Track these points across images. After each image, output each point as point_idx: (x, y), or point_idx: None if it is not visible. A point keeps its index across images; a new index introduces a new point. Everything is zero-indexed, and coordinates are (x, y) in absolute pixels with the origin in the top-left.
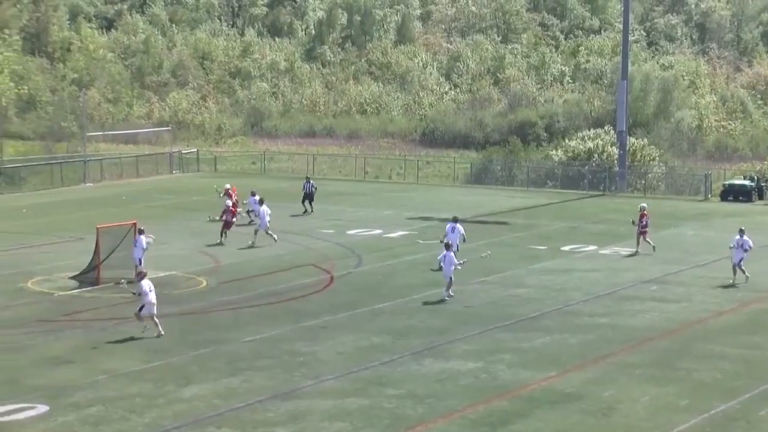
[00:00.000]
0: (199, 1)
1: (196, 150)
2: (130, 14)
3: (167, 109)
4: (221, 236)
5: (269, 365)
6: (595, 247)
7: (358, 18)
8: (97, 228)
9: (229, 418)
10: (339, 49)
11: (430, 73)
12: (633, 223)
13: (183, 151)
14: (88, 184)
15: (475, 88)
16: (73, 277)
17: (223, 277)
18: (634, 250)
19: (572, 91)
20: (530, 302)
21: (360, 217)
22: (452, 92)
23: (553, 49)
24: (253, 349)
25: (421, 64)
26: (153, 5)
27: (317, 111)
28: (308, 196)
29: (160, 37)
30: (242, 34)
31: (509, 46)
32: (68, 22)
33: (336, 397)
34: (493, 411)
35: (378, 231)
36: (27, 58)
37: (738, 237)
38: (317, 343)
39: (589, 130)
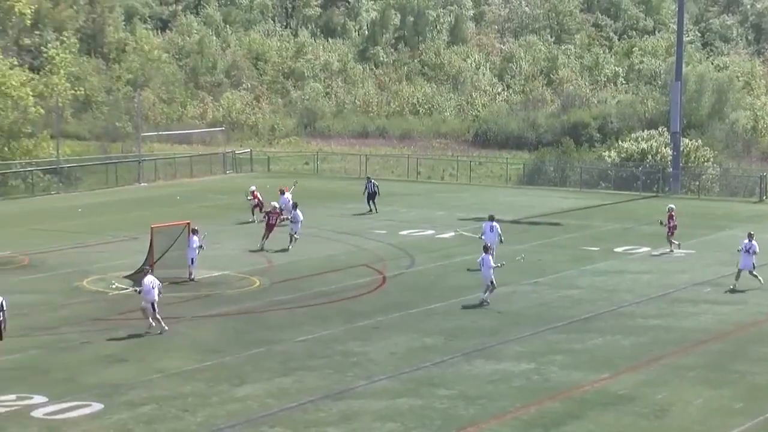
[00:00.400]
0: (253, 2)
1: (249, 150)
2: (185, 15)
3: (221, 109)
4: (264, 240)
5: (322, 365)
6: (649, 248)
7: (411, 18)
8: (152, 227)
9: (282, 418)
10: (392, 50)
11: (483, 74)
12: (661, 223)
13: (236, 152)
14: (142, 184)
15: (527, 89)
16: (127, 276)
17: (276, 277)
18: (669, 249)
19: (626, 92)
20: (582, 304)
21: (412, 218)
22: (505, 93)
23: (607, 50)
24: (306, 349)
25: (473, 65)
26: (207, 6)
27: (370, 111)
28: (371, 196)
29: (215, 37)
30: (296, 35)
31: (562, 47)
32: (124, 23)
33: (388, 398)
34: (545, 412)
35: (430, 232)
36: (83, 59)
37: (746, 241)
38: (370, 343)
39: (642, 131)
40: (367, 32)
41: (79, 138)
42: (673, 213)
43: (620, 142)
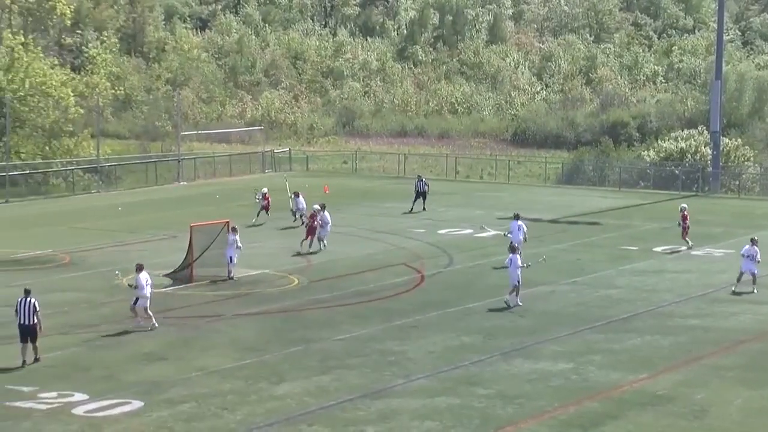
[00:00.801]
0: (292, 1)
1: (288, 149)
2: (224, 14)
3: (260, 108)
4: (308, 246)
5: (360, 364)
6: (688, 248)
7: (450, 18)
8: (191, 226)
9: (320, 416)
10: (431, 49)
11: (522, 73)
12: (678, 225)
13: (275, 151)
14: (181, 183)
15: (566, 88)
16: (167, 275)
17: (314, 275)
18: (685, 247)
19: (665, 91)
20: (621, 303)
21: (451, 217)
22: (544, 92)
23: (646, 49)
24: (345, 347)
25: (512, 64)
26: (246, 5)
27: (408, 110)
28: (421, 195)
29: (254, 37)
30: (334, 34)
31: (601, 46)
32: (163, 22)
33: (426, 397)
34: (583, 412)
35: (469, 231)
36: (123, 59)
37: (748, 246)
38: (408, 342)
39: (682, 131)
40: (405, 31)
41: (119, 137)
42: (685, 212)
43: (659, 142)
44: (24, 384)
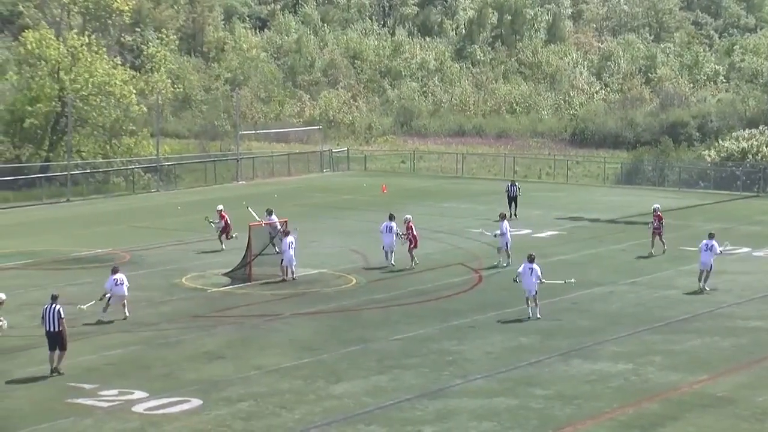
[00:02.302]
0: (351, 1)
1: (346, 149)
2: (283, 14)
3: (318, 108)
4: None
5: (418, 364)
6: (749, 249)
7: (509, 17)
8: (249, 226)
9: (378, 416)
10: (489, 49)
11: (581, 73)
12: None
13: (333, 150)
14: (240, 182)
15: (626, 88)
16: (225, 274)
17: (372, 275)
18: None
19: (726, 91)
20: (680, 304)
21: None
22: (603, 92)
23: (707, 48)
24: (402, 347)
25: (571, 64)
26: (305, 5)
27: (467, 110)
28: (513, 200)
29: (312, 36)
30: (393, 34)
31: (661, 45)
32: (223, 22)
33: (484, 397)
34: (642, 413)
35: (527, 231)
36: (183, 58)
37: (705, 240)
38: (465, 342)
39: (743, 131)
40: (464, 31)
41: (179, 136)
42: (658, 213)
43: (720, 142)
44: (85, 381)
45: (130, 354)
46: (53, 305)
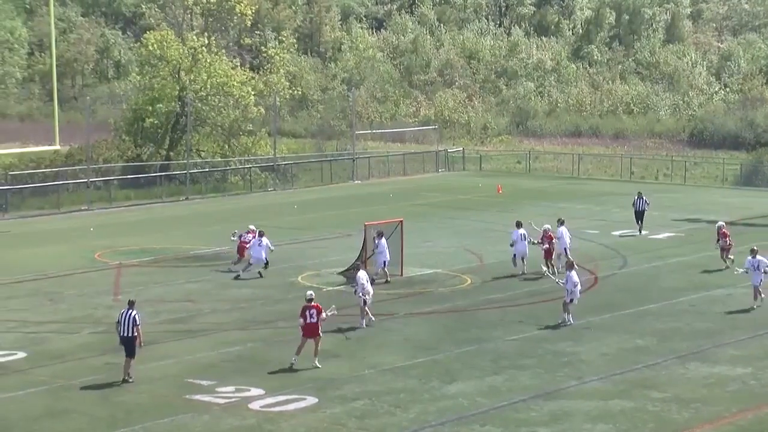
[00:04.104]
0: (467, 1)
1: (461, 149)
2: (400, 14)
3: (433, 107)
4: (549, 268)
5: (532, 364)
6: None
7: (627, 17)
8: (365, 225)
9: (493, 417)
10: (606, 49)
11: (699, 73)
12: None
13: (449, 150)
14: (356, 182)
15: (746, 88)
16: (341, 273)
17: (487, 275)
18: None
19: None
20: None
21: (625, 218)
22: (722, 92)
23: None
24: (517, 347)
25: (690, 64)
26: (422, 5)
27: (583, 110)
28: (639, 215)
29: (428, 36)
30: (509, 34)
31: None
32: (340, 22)
33: (599, 399)
34: (762, 418)
35: (644, 232)
36: (300, 58)
37: (750, 257)
38: (581, 343)
39: None
40: (581, 31)
41: (295, 136)
42: (724, 230)
43: None
44: (203, 378)
45: (247, 351)
46: (129, 311)
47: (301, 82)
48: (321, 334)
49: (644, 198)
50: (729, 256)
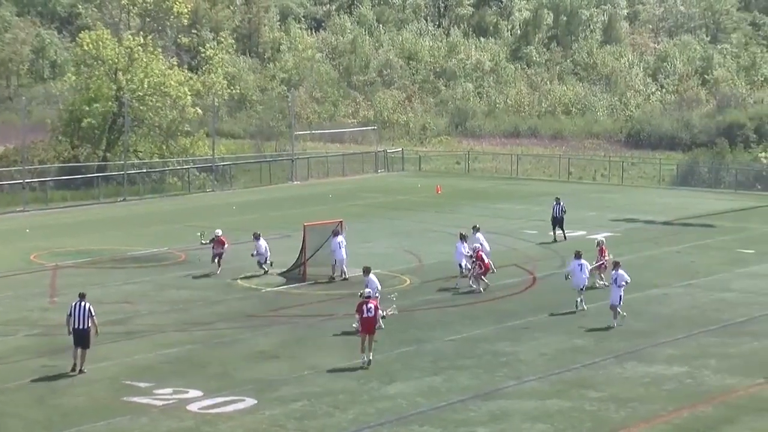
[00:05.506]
0: (406, 1)
1: (401, 149)
2: (338, 15)
3: (373, 108)
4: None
5: (471, 365)
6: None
7: (564, 18)
8: (304, 226)
9: (431, 417)
10: (544, 49)
11: (636, 74)
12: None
13: (388, 151)
14: (295, 182)
15: (682, 89)
16: (280, 274)
17: (425, 276)
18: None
19: None
20: (737, 307)
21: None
22: (658, 93)
23: (765, 49)
24: (456, 348)
25: (627, 65)
26: (361, 6)
27: (521, 111)
28: (557, 221)
29: (368, 37)
30: (448, 35)
31: (718, 47)
32: (278, 23)
33: (537, 399)
34: (698, 417)
35: (581, 232)
36: (239, 59)
37: (613, 272)
38: (519, 343)
39: None
40: (519, 31)
41: (234, 136)
42: (603, 246)
43: None
44: (141, 380)
45: (185, 353)
46: (82, 302)
47: (240, 82)
48: (377, 329)
49: (562, 204)
50: (601, 275)
